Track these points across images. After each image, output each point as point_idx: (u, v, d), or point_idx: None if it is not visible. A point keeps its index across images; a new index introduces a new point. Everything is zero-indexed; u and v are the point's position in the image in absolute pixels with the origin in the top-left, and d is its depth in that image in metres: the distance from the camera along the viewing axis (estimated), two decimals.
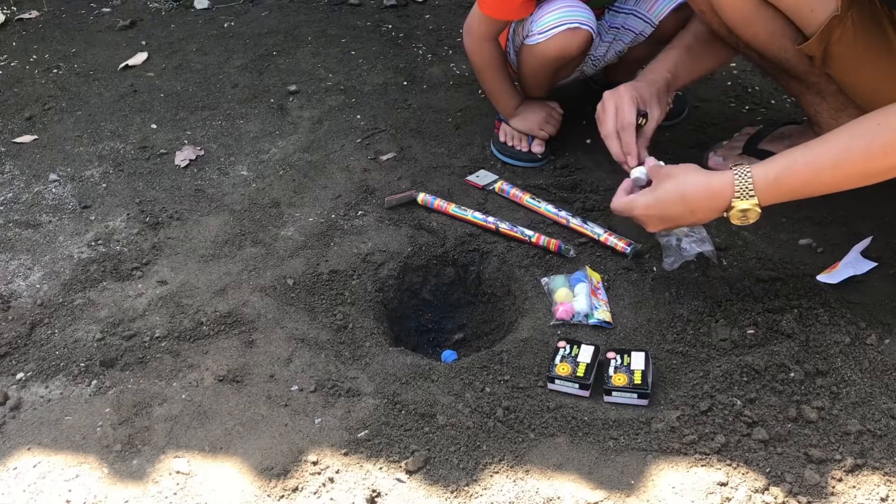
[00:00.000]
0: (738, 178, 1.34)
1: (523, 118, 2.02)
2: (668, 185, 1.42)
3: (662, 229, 1.49)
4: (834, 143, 1.31)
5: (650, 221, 1.46)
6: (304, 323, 1.60)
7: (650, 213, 1.45)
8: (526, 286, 1.68)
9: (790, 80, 1.73)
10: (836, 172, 1.31)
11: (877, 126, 1.27)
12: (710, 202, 1.38)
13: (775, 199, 1.36)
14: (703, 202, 1.39)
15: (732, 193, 1.35)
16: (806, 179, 1.33)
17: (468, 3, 2.84)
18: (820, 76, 1.65)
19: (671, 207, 1.42)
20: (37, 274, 1.77)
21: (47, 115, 2.36)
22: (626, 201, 1.49)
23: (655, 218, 1.45)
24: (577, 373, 1.42)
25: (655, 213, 1.44)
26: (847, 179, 1.32)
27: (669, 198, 1.42)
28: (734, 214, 1.37)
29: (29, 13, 2.97)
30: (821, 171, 1.31)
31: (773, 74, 1.80)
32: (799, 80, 1.71)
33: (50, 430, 1.41)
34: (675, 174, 1.43)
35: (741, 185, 1.34)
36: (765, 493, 1.23)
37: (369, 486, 1.28)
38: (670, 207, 1.42)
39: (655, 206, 1.44)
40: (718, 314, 1.55)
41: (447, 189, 1.94)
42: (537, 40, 1.83)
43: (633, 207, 1.47)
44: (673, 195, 1.41)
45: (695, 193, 1.39)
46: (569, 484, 1.27)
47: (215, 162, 2.11)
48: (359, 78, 2.45)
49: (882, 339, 1.47)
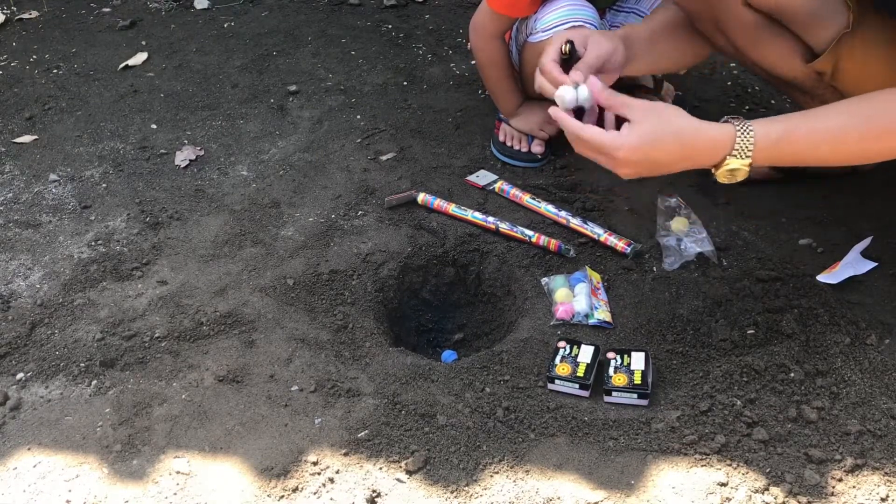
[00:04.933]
0: (740, 136, 1.23)
1: (524, 118, 2.02)
2: (659, 124, 1.23)
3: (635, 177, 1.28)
4: (835, 118, 1.27)
5: (631, 166, 1.25)
6: (304, 323, 1.60)
7: (635, 156, 1.23)
8: (526, 286, 1.68)
9: (795, 91, 1.72)
10: (833, 147, 1.27)
11: (876, 109, 1.26)
12: (708, 153, 1.24)
13: (767, 162, 1.27)
14: (702, 152, 1.24)
15: (731, 149, 1.24)
16: (804, 149, 1.27)
17: (468, 3, 2.84)
18: (826, 88, 1.64)
19: (663, 151, 1.23)
20: (37, 274, 1.77)
21: (47, 115, 2.36)
22: (604, 138, 1.23)
23: (640, 163, 1.24)
24: (577, 373, 1.42)
25: (641, 157, 1.23)
26: (844, 157, 1.30)
27: (664, 138, 1.22)
28: (722, 172, 1.26)
29: (29, 13, 2.96)
30: (819, 144, 1.27)
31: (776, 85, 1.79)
32: (804, 92, 1.70)
33: (50, 430, 1.41)
34: (661, 112, 1.25)
35: (742, 144, 1.23)
36: (765, 493, 1.23)
37: (369, 486, 1.28)
38: (662, 151, 1.23)
39: (644, 147, 1.22)
40: (718, 314, 1.55)
41: (447, 189, 1.94)
42: (541, 38, 1.83)
43: (615, 147, 1.23)
44: (668, 137, 1.23)
45: (694, 140, 1.24)
46: (569, 484, 1.27)
47: (215, 162, 2.11)
48: (359, 78, 2.45)
49: (882, 339, 1.47)
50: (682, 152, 1.24)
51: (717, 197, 1.85)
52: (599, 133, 1.25)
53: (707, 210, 1.80)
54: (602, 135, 1.25)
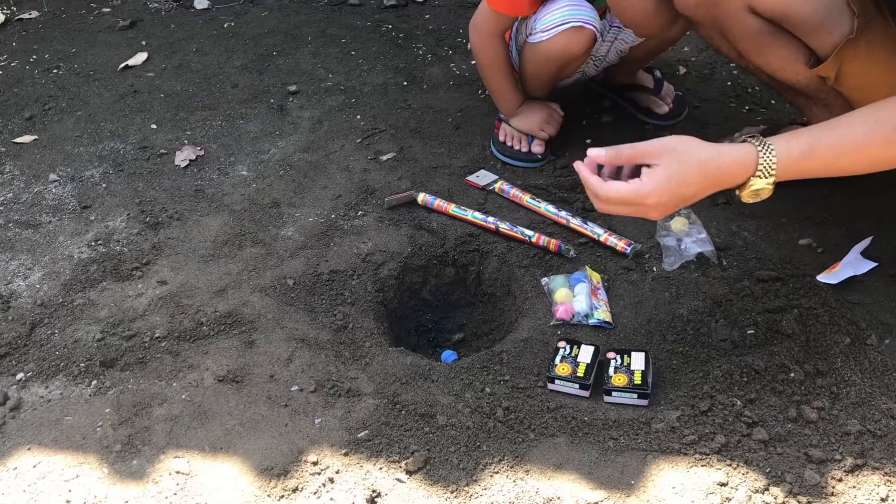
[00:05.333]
0: (763, 156, 1.22)
1: (524, 118, 2.02)
2: (680, 161, 1.22)
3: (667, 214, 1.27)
4: (858, 127, 1.25)
5: (661, 208, 1.24)
6: (304, 323, 1.60)
7: (664, 198, 1.22)
8: (526, 286, 1.68)
9: (797, 94, 1.72)
10: (856, 157, 1.26)
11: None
12: (733, 177, 1.23)
13: (791, 177, 1.25)
14: (727, 176, 1.23)
15: (754, 171, 1.22)
16: (827, 162, 1.26)
17: (468, 3, 2.84)
18: (829, 92, 1.63)
19: (691, 185, 1.22)
20: (37, 274, 1.77)
21: (47, 115, 2.36)
22: (629, 191, 1.23)
23: (669, 203, 1.23)
24: (577, 373, 1.42)
25: (670, 198, 1.22)
26: (864, 165, 1.28)
27: (689, 172, 1.22)
28: (748, 193, 1.25)
29: (29, 13, 2.96)
30: (841, 156, 1.25)
31: (779, 89, 1.79)
32: (806, 96, 1.70)
33: (50, 430, 1.41)
34: (677, 147, 1.23)
35: (765, 164, 1.22)
36: (765, 493, 1.23)
37: (369, 486, 1.28)
38: (690, 185, 1.22)
39: (669, 187, 1.21)
40: (718, 314, 1.55)
41: (447, 189, 1.94)
42: (540, 38, 1.83)
43: (643, 196, 1.22)
44: (693, 170, 1.22)
45: (718, 169, 1.23)
46: (569, 484, 1.27)
47: (215, 162, 2.11)
48: (359, 78, 2.45)
49: (882, 339, 1.47)
50: (707, 182, 1.23)
51: (716, 197, 1.84)
52: (625, 187, 1.23)
53: (707, 210, 1.80)
54: (628, 189, 1.23)
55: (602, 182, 1.25)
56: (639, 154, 1.24)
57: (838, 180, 1.83)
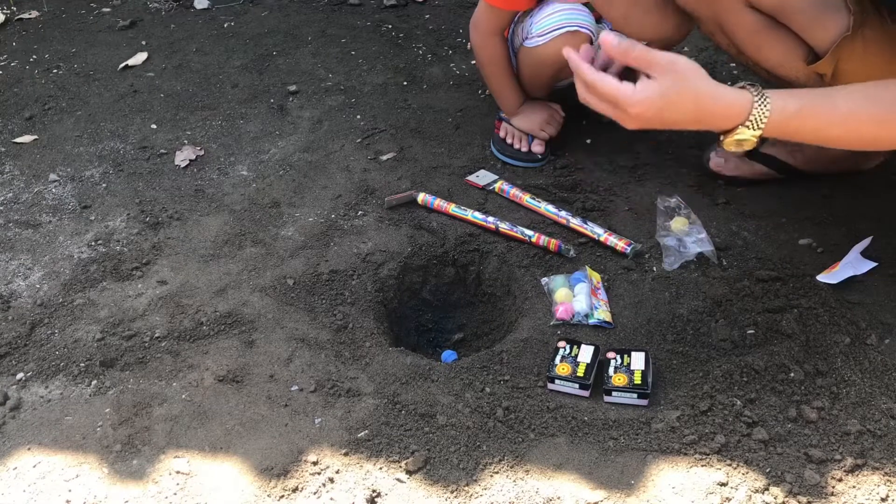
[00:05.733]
0: (757, 107, 1.19)
1: (525, 117, 2.02)
2: (678, 84, 1.17)
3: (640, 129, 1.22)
4: (852, 100, 1.24)
5: (640, 122, 1.19)
6: (304, 323, 1.60)
7: (648, 113, 1.17)
8: (526, 286, 1.68)
9: None
10: (845, 129, 1.24)
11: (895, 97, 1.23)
12: (721, 119, 1.20)
13: (776, 135, 1.23)
14: (715, 117, 1.20)
15: (745, 119, 1.19)
16: (816, 127, 1.24)
17: (468, 3, 2.84)
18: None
19: (678, 112, 1.18)
20: (37, 274, 1.77)
21: (47, 115, 2.36)
22: (620, 91, 1.16)
23: (651, 120, 1.18)
24: (577, 373, 1.42)
25: (654, 115, 1.18)
26: (852, 140, 1.28)
27: (682, 100, 1.17)
28: (731, 141, 1.22)
29: (29, 13, 2.96)
30: (832, 125, 1.24)
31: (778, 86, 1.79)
32: None
33: (50, 430, 1.41)
34: (682, 70, 1.17)
35: (757, 115, 1.19)
36: (765, 493, 1.23)
37: (369, 486, 1.28)
38: (677, 112, 1.18)
39: (657, 104, 1.16)
40: (718, 314, 1.55)
41: (447, 189, 1.94)
42: (536, 43, 1.83)
43: (630, 103, 1.16)
44: (687, 98, 1.17)
45: (711, 104, 1.19)
46: (569, 484, 1.27)
47: (215, 162, 2.11)
48: (359, 78, 2.45)
49: (882, 339, 1.47)
50: (695, 115, 1.19)
51: (716, 197, 1.85)
52: (616, 85, 1.17)
53: (707, 210, 1.80)
54: (619, 87, 1.17)
55: (595, 72, 1.19)
56: (646, 61, 1.17)
57: (838, 180, 1.85)
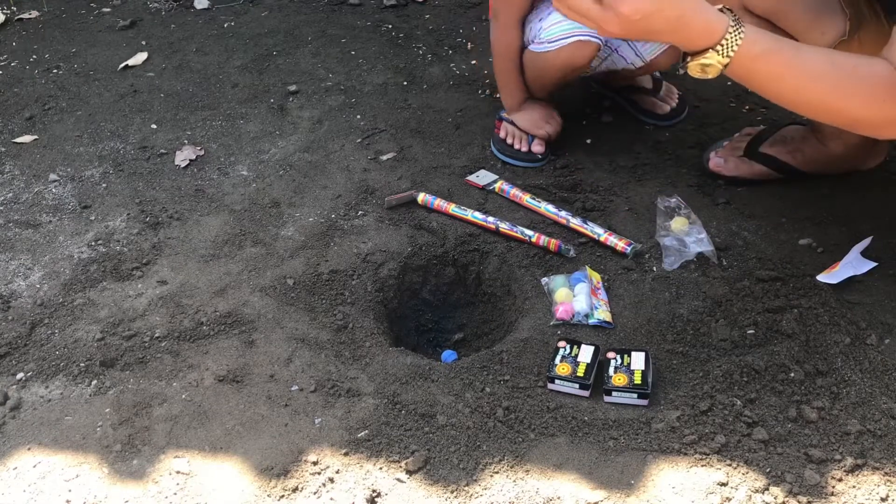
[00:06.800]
0: (730, 34, 1.17)
1: (526, 116, 2.02)
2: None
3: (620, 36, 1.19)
4: (817, 59, 1.22)
5: (623, 25, 1.15)
6: (304, 323, 1.60)
7: (636, 16, 1.13)
8: (526, 286, 1.68)
9: None
10: (799, 87, 1.23)
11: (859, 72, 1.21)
12: (696, 35, 1.18)
13: (738, 71, 1.20)
14: (693, 33, 1.17)
15: (717, 42, 1.17)
16: (773, 74, 1.21)
17: (468, 3, 2.84)
18: None
19: (662, 18, 1.15)
20: (37, 274, 1.77)
21: (47, 115, 2.36)
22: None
23: (635, 24, 1.14)
24: (577, 373, 1.42)
25: (639, 19, 1.14)
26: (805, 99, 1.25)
27: (667, 9, 1.14)
28: (696, 65, 1.20)
29: (29, 13, 2.96)
30: (788, 77, 1.21)
31: None
32: None
33: (50, 430, 1.42)
34: None
35: (729, 41, 1.17)
36: (765, 493, 1.23)
37: (369, 486, 1.28)
38: (661, 18, 1.15)
39: (647, 9, 1.13)
40: (718, 314, 1.55)
41: (447, 189, 1.94)
42: (546, 48, 1.84)
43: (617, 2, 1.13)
44: (673, 9, 1.15)
45: (694, 21, 1.16)
46: (569, 484, 1.27)
47: (215, 162, 2.11)
48: (359, 78, 2.45)
49: (882, 339, 1.47)
50: (676, 26, 1.16)
51: (716, 197, 1.85)
52: None
53: (707, 210, 1.80)
54: None
55: None
56: None
57: (838, 180, 1.85)
